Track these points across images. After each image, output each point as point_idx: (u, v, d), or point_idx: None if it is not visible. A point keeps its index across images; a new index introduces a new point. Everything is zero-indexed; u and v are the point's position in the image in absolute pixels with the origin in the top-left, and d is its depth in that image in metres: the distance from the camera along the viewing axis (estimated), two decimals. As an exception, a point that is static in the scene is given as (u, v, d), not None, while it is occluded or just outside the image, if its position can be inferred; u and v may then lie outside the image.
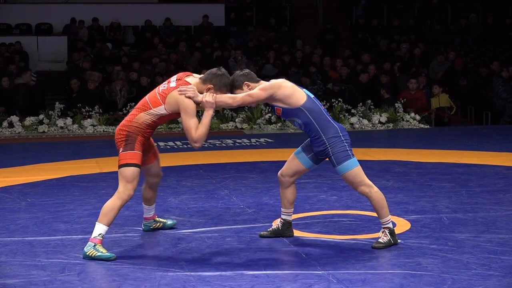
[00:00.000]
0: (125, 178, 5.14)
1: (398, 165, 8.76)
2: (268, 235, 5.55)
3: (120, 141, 5.21)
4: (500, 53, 17.78)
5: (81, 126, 12.97)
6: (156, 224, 5.79)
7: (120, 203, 5.13)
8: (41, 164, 9.20)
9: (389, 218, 5.27)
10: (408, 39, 17.84)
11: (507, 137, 11.60)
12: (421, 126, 13.41)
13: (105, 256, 5.00)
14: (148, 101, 5.23)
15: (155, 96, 5.20)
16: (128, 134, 5.18)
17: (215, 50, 16.85)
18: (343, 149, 5.14)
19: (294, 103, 5.12)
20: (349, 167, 5.14)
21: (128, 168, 5.13)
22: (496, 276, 4.54)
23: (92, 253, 5.01)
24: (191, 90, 5.09)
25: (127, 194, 5.14)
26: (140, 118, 5.20)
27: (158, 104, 5.17)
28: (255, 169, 8.55)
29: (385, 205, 5.24)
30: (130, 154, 5.15)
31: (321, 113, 5.19)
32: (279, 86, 5.10)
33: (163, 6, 18.86)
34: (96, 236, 5.08)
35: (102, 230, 5.10)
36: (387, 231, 5.24)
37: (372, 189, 5.20)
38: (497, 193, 7.06)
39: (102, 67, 15.35)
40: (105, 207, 5.14)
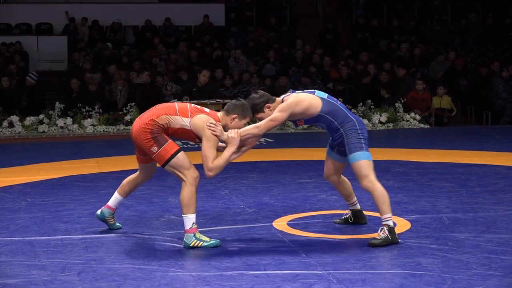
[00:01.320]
0: (181, 167, 5.22)
1: (398, 165, 8.76)
2: (341, 222, 5.86)
3: (147, 140, 5.26)
4: (500, 53, 17.78)
5: (81, 126, 12.97)
6: (112, 219, 5.75)
7: (194, 188, 5.21)
8: (41, 164, 9.20)
9: (390, 215, 5.29)
10: (408, 39, 17.83)
11: (507, 137, 11.60)
12: (421, 126, 13.41)
13: (211, 244, 5.19)
14: (177, 107, 5.29)
15: (186, 108, 5.29)
16: (152, 131, 5.25)
17: (215, 50, 16.85)
18: (358, 140, 5.32)
19: (313, 112, 5.30)
20: (360, 157, 5.30)
21: (176, 158, 5.22)
22: (496, 276, 4.54)
23: (196, 243, 5.18)
24: (219, 129, 5.21)
25: (194, 177, 5.22)
26: (162, 120, 5.26)
27: (185, 115, 5.25)
28: (255, 169, 8.55)
29: (387, 201, 5.28)
30: (166, 148, 5.23)
31: (338, 109, 5.36)
32: (296, 103, 5.25)
33: (163, 6, 18.85)
34: (192, 227, 5.21)
35: (192, 219, 5.22)
36: (386, 228, 5.25)
37: (375, 184, 5.28)
38: (497, 193, 7.06)
39: (102, 67, 15.35)
40: (183, 198, 5.19)
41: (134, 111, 13.09)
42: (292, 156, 9.60)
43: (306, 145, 10.95)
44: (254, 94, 5.41)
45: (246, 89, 14.55)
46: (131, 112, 13.12)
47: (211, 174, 5.20)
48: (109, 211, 5.72)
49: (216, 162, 5.18)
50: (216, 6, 18.94)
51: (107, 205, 5.73)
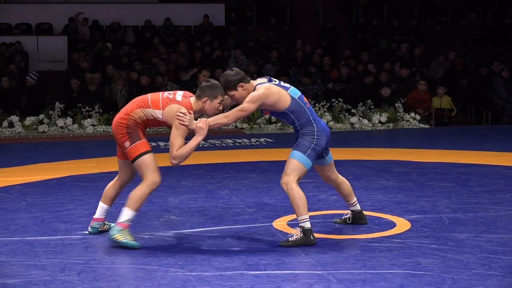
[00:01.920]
0: (146, 167, 5.27)
1: (398, 165, 8.76)
2: (340, 222, 5.89)
3: (122, 135, 5.31)
4: (500, 53, 17.78)
5: (81, 126, 12.97)
6: (104, 226, 5.73)
7: (149, 191, 5.28)
8: (41, 164, 9.20)
9: (307, 217, 5.29)
10: (408, 39, 17.83)
11: (507, 137, 11.60)
12: (421, 126, 13.41)
13: (130, 244, 5.18)
14: (149, 100, 5.32)
15: (158, 99, 5.30)
16: (128, 126, 5.29)
17: (215, 50, 16.85)
18: (308, 144, 5.36)
19: (281, 107, 5.35)
20: (297, 157, 5.35)
21: (144, 157, 5.27)
22: (496, 276, 4.54)
23: (118, 237, 5.18)
24: (187, 118, 5.20)
25: (154, 182, 5.29)
26: (136, 113, 5.30)
27: (157, 107, 5.28)
28: (255, 169, 8.55)
29: (302, 203, 5.27)
30: (139, 144, 5.28)
31: (304, 112, 5.39)
32: (267, 95, 5.28)
33: (163, 6, 18.85)
34: (124, 221, 5.23)
35: (130, 215, 5.26)
36: (300, 230, 5.27)
37: (292, 184, 5.30)
38: (497, 193, 7.06)
39: (102, 67, 15.35)
40: (134, 194, 5.27)
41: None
42: (292, 156, 9.58)
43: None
44: (229, 71, 5.38)
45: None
46: (131, 112, 13.11)
47: (175, 162, 5.22)
48: (98, 223, 5.70)
49: (181, 150, 5.19)
50: (216, 6, 18.93)
51: (94, 218, 5.69)
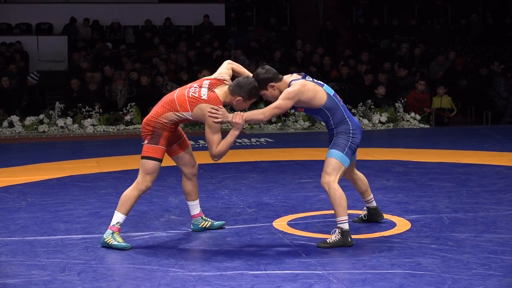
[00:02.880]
0: (145, 169, 5.30)
1: (398, 165, 8.76)
2: (358, 221, 5.91)
3: (146, 134, 5.31)
4: (500, 53, 17.78)
5: (81, 126, 12.97)
6: (204, 222, 5.71)
7: (137, 193, 5.33)
8: (41, 164, 9.20)
9: (345, 218, 5.28)
10: (408, 39, 17.83)
11: (508, 137, 11.60)
12: (421, 126, 13.41)
13: (120, 246, 5.21)
14: (176, 102, 5.26)
15: (184, 101, 5.24)
16: (153, 129, 5.28)
17: (215, 49, 16.85)
18: (345, 142, 5.32)
19: (316, 104, 5.30)
20: (335, 156, 5.31)
21: (149, 161, 5.28)
22: (496, 276, 4.54)
23: (109, 240, 5.24)
24: (220, 114, 5.17)
25: (144, 185, 5.32)
26: (167, 117, 5.27)
27: (186, 109, 5.23)
28: (256, 169, 8.55)
29: (343, 204, 5.26)
30: (154, 148, 5.28)
31: (338, 109, 5.37)
32: (302, 92, 5.22)
33: (163, 6, 18.85)
34: (114, 225, 5.30)
35: (119, 218, 5.31)
36: (338, 231, 5.26)
37: (333, 184, 5.26)
38: (497, 193, 7.06)
39: (102, 67, 15.35)
40: (123, 196, 5.34)
41: (134, 111, 13.09)
42: (292, 156, 9.60)
43: (306, 145, 10.95)
44: (260, 69, 5.32)
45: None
46: (131, 112, 13.12)
47: (216, 159, 5.27)
48: (196, 219, 5.70)
49: (220, 147, 5.18)
50: (216, 6, 18.94)
51: (191, 215, 5.73)
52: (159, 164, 5.31)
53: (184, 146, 5.57)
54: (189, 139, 5.48)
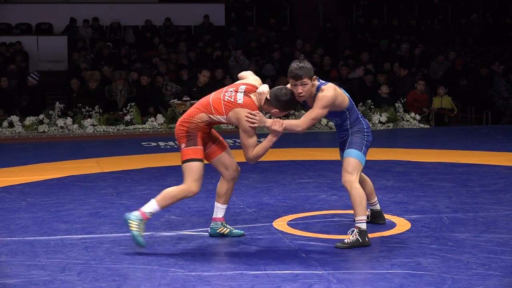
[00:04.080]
0: (191, 174, 5.17)
1: (398, 165, 8.76)
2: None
3: (181, 136, 5.23)
4: (500, 52, 17.78)
5: (81, 126, 12.96)
6: (223, 228, 5.54)
7: (181, 196, 5.20)
8: (41, 164, 9.20)
9: (364, 218, 5.28)
10: (408, 39, 17.84)
11: (508, 137, 11.60)
12: (421, 126, 13.41)
13: (137, 239, 5.08)
14: (212, 105, 5.20)
15: (220, 105, 5.19)
16: (188, 130, 5.21)
17: (215, 50, 16.85)
18: (361, 141, 5.40)
19: (343, 106, 5.38)
20: (354, 155, 5.34)
21: (193, 163, 5.18)
22: (496, 276, 4.54)
23: (133, 225, 5.08)
24: (257, 119, 5.18)
25: (192, 191, 5.18)
26: (201, 117, 5.21)
27: (220, 113, 5.18)
28: (255, 169, 8.54)
29: (364, 204, 5.26)
30: (193, 149, 5.19)
31: (354, 110, 5.48)
32: (336, 96, 5.28)
33: (163, 6, 18.85)
34: (146, 212, 5.15)
35: (154, 209, 5.17)
36: (356, 231, 5.25)
37: (355, 183, 5.27)
38: (497, 193, 7.06)
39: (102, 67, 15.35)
40: (168, 191, 5.19)
41: (134, 111, 13.09)
42: (292, 156, 9.60)
43: (306, 145, 10.94)
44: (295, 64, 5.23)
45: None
46: (131, 112, 13.11)
47: (252, 162, 5.31)
48: (216, 223, 5.53)
49: (255, 152, 5.19)
50: (216, 6, 18.93)
51: (213, 218, 5.56)
52: (203, 165, 5.20)
53: (222, 147, 5.45)
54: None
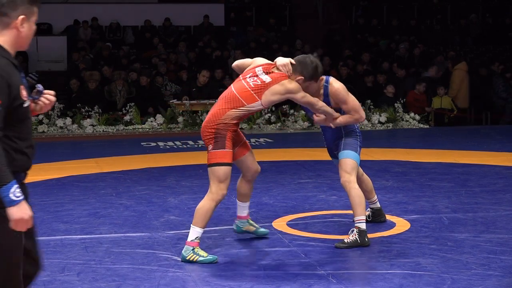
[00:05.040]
0: (217, 177, 4.99)
1: (397, 165, 8.76)
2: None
3: (209, 138, 5.01)
4: (500, 53, 17.78)
5: (81, 126, 12.97)
6: (249, 226, 5.44)
7: (214, 204, 5.00)
8: (41, 164, 9.19)
9: (364, 218, 5.30)
10: (408, 39, 17.84)
11: (507, 137, 11.60)
12: (420, 126, 13.42)
13: (208, 260, 4.91)
14: (240, 97, 4.98)
15: (249, 92, 4.97)
16: (217, 131, 4.98)
17: (215, 50, 16.86)
18: (355, 142, 5.42)
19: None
20: (351, 156, 5.36)
21: (220, 168, 4.97)
22: (496, 276, 4.54)
23: (193, 257, 4.91)
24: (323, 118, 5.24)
25: (220, 194, 5.01)
26: (230, 115, 4.97)
27: (254, 100, 4.97)
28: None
29: (363, 204, 5.30)
30: (221, 152, 4.97)
31: None
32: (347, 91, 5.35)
33: (163, 6, 18.85)
34: (193, 240, 4.97)
35: (198, 233, 4.98)
36: (356, 231, 5.26)
37: (353, 184, 5.29)
38: (496, 193, 7.06)
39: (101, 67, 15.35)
40: (199, 209, 5.00)
41: (134, 111, 13.09)
42: (292, 156, 9.60)
43: (306, 145, 10.95)
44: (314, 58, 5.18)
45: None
46: (131, 112, 13.12)
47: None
48: (241, 221, 5.44)
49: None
50: (215, 6, 18.94)
51: (238, 216, 5.48)
52: (230, 169, 5.02)
53: (246, 148, 5.33)
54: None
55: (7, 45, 3.00)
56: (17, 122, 2.99)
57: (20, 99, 2.95)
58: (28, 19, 3.08)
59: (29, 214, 2.91)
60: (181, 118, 12.87)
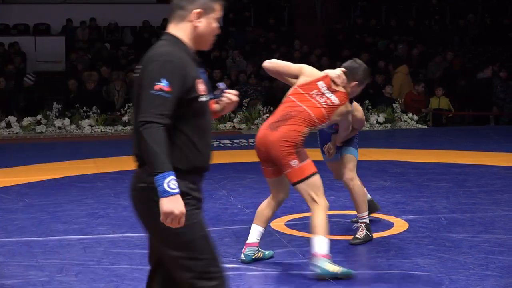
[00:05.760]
0: (317, 187, 4.78)
1: (396, 165, 8.76)
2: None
3: (289, 153, 4.78)
4: (499, 53, 17.79)
5: (79, 127, 12.96)
6: (258, 253, 5.02)
7: (325, 212, 4.73)
8: (39, 165, 9.19)
9: (367, 213, 5.38)
10: (406, 39, 17.84)
11: (505, 138, 11.61)
12: (418, 126, 13.42)
13: (347, 273, 4.54)
14: (315, 117, 4.87)
15: (322, 113, 4.89)
16: (296, 145, 4.80)
17: (213, 50, 16.85)
18: (355, 139, 5.53)
19: None
20: (353, 153, 5.47)
21: (315, 178, 4.79)
22: (494, 276, 4.54)
23: (335, 269, 4.52)
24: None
25: (325, 203, 4.76)
26: (305, 133, 4.86)
27: (324, 120, 4.93)
28: (253, 170, 8.52)
29: (365, 200, 5.39)
30: (308, 164, 4.80)
31: None
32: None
33: (161, 6, 18.82)
34: (322, 252, 4.57)
35: (323, 242, 4.62)
36: (364, 226, 5.34)
37: (357, 181, 5.37)
38: (494, 193, 7.07)
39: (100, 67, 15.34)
40: (316, 222, 4.68)
41: (132, 112, 13.08)
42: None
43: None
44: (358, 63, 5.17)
45: (244, 89, 14.57)
46: (129, 112, 13.11)
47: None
48: (252, 248, 5.00)
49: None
50: (214, 6, 18.90)
51: (247, 243, 5.03)
52: (319, 175, 4.85)
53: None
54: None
55: (185, 38, 2.91)
56: (192, 117, 2.84)
57: (196, 92, 2.82)
58: (205, 14, 2.93)
59: (180, 210, 2.73)
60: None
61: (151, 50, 2.88)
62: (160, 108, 2.72)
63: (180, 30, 2.93)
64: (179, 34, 2.92)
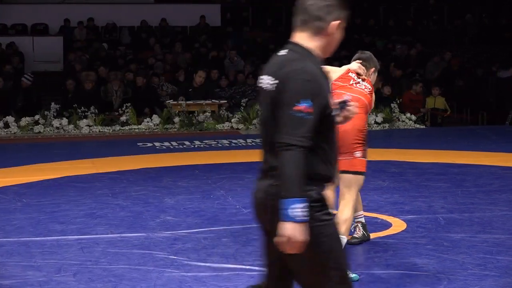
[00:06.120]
0: (359, 185, 4.91)
1: (394, 166, 8.76)
2: None
3: (359, 144, 4.90)
4: (497, 53, 17.80)
5: (77, 127, 12.95)
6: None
7: (352, 211, 4.87)
8: (37, 165, 9.19)
9: (362, 213, 5.39)
10: (405, 40, 17.85)
11: (503, 138, 11.61)
12: (416, 126, 13.43)
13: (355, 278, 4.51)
14: (368, 104, 5.06)
15: (369, 99, 5.09)
16: (364, 138, 4.93)
17: (211, 50, 16.85)
18: None
19: None
20: None
21: (362, 177, 4.92)
22: (492, 276, 4.54)
23: None
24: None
25: (354, 202, 4.89)
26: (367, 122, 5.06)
27: (371, 106, 5.16)
28: (251, 170, 8.52)
29: (360, 200, 5.37)
30: (364, 162, 4.92)
31: None
32: None
33: (159, 6, 18.84)
34: None
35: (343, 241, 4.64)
36: (360, 225, 5.34)
37: None
38: (492, 193, 7.07)
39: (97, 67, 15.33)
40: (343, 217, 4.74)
41: (130, 112, 13.08)
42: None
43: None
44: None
45: (242, 89, 14.55)
46: (127, 112, 13.11)
47: None
48: None
49: None
50: (212, 6, 18.93)
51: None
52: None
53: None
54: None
55: (318, 50, 2.86)
56: (327, 131, 2.79)
57: (329, 107, 2.78)
58: (341, 25, 2.87)
59: (300, 239, 2.63)
60: (177, 118, 12.86)
61: (285, 63, 2.79)
62: (302, 131, 2.66)
63: (314, 42, 2.86)
64: (311, 45, 2.85)
